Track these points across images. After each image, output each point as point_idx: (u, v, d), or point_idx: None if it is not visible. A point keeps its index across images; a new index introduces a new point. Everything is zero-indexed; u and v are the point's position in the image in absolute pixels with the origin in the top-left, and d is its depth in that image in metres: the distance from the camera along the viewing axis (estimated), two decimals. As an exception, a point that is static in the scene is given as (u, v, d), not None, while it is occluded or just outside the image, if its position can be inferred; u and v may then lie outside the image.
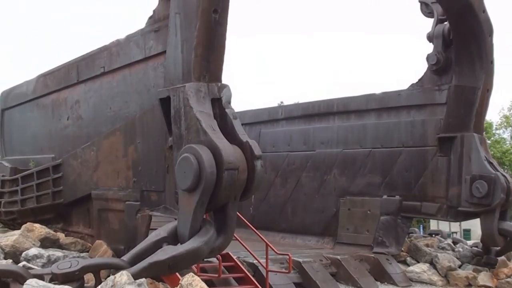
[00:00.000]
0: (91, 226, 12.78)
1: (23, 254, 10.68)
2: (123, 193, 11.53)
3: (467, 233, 43.32)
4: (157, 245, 8.84)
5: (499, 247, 14.61)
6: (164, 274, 9.04)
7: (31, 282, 7.86)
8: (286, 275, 11.73)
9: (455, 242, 17.62)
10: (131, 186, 11.35)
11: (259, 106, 20.62)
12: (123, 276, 7.80)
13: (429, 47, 15.45)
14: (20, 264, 9.85)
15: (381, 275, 13.71)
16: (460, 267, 14.78)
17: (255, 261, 11.52)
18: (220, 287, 10.41)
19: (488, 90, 14.72)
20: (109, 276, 8.10)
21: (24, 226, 12.03)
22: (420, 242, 15.84)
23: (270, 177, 18.22)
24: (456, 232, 37.75)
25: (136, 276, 8.01)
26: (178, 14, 9.64)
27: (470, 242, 19.70)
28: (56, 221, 13.84)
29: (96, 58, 12.59)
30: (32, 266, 9.87)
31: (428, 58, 15.27)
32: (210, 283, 9.93)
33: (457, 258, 15.13)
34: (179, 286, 8.06)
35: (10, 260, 10.41)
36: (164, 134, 10.06)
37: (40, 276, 8.37)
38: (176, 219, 9.11)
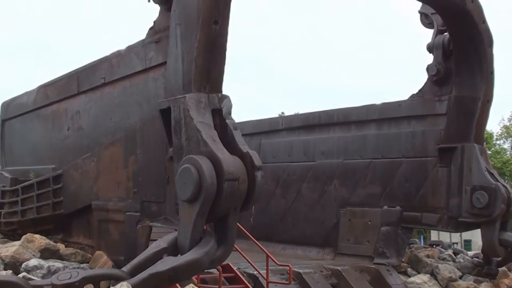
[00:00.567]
0: (91, 237, 12.76)
1: (23, 265, 10.65)
2: (123, 204, 11.52)
3: (468, 244, 43.28)
4: (157, 256, 8.81)
5: (500, 258, 14.59)
6: (164, 285, 9.00)
7: (31, 293, 7.85)
8: (287, 286, 11.69)
9: (456, 253, 17.61)
10: (131, 197, 11.35)
11: (260, 117, 20.65)
12: (123, 287, 7.79)
13: (429, 58, 15.47)
14: (20, 275, 9.83)
15: (382, 286, 13.65)
16: (461, 278, 14.74)
17: (256, 272, 11.51)
18: (221, 298, 10.38)
19: (488, 101, 14.71)
20: (109, 287, 8.09)
21: (24, 237, 12.01)
22: (421, 253, 15.81)
23: (271, 188, 18.19)
24: (457, 243, 37.72)
25: (136, 287, 8.00)
26: (179, 25, 9.67)
27: (471, 253, 19.67)
28: (56, 232, 13.82)
29: (97, 69, 12.61)
30: (32, 277, 9.85)
31: (428, 69, 15.29)
32: (211, 294, 9.91)
33: (458, 269, 15.10)
34: (179, 297, 8.05)
35: (10, 271, 10.39)
36: (165, 145, 10.06)
37: (40, 287, 8.35)
38: (177, 230, 9.09)
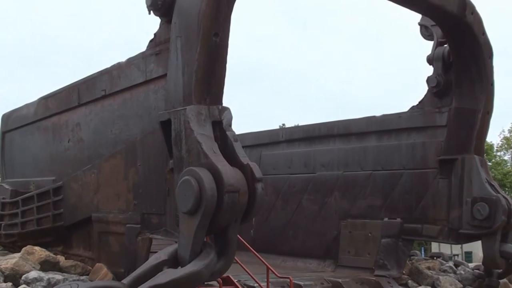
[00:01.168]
0: (92, 249, 12.74)
1: (23, 277, 10.65)
2: (124, 216, 11.51)
3: (469, 256, 43.24)
4: (158, 268, 8.78)
5: (501, 270, 14.56)
6: (165, 298, 8.98)
7: (31, 306, 7.84)
8: (287, 299, 11.66)
9: (457, 265, 17.57)
10: (132, 209, 11.34)
11: (261, 128, 20.66)
12: (123, 300, 7.77)
13: (429, 70, 15.50)
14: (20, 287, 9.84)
15: (383, 298, 13.64)
16: (462, 290, 14.74)
17: (256, 285, 11.46)
18: (221, 311, 10.34)
19: (489, 112, 14.72)
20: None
21: (24, 249, 12.00)
22: (422, 265, 15.79)
23: (271, 200, 18.17)
24: (458, 255, 37.70)
25: (136, 300, 7.98)
26: (179, 38, 9.68)
27: (472, 265, 19.65)
28: (56, 244, 13.80)
29: (97, 81, 12.63)
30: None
31: (428, 81, 15.29)
32: (211, 307, 9.88)
33: (459, 281, 15.07)
34: (180, 310, 8.01)
35: (10, 283, 10.38)
36: (165, 157, 10.06)
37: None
38: (177, 242, 9.07)
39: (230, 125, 9.61)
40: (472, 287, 14.88)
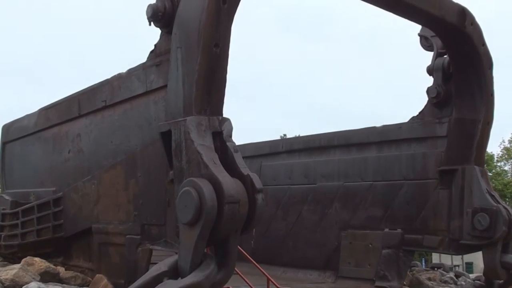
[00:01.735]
0: (92, 260, 12.72)
1: (23, 288, 10.64)
2: (124, 227, 11.49)
3: (470, 266, 43.13)
4: (158, 279, 8.77)
5: (502, 280, 14.50)
6: (165, 309, 8.96)
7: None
8: (288, 310, 11.65)
9: (458, 276, 17.58)
10: (132, 220, 11.32)
11: (261, 139, 20.66)
12: (123, 311, 7.76)
13: (429, 80, 15.51)
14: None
15: (384, 309, 13.61)
16: (463, 301, 14.71)
17: (256, 296, 11.46)
18: (221, 322, 10.31)
19: (489, 123, 14.71)
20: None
21: (24, 260, 11.99)
22: (422, 276, 15.78)
23: (271, 211, 18.14)
24: (458, 265, 37.61)
25: (137, 311, 7.96)
26: (180, 48, 9.69)
27: (473, 276, 19.64)
28: (56, 255, 13.78)
29: (98, 92, 12.64)
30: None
31: (428, 91, 15.30)
32: (211, 318, 9.82)
33: (460, 292, 15.06)
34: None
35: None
36: (165, 168, 10.04)
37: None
38: (177, 253, 9.06)
39: (231, 136, 9.60)
40: (473, 298, 14.86)
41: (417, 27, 15.79)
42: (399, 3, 12.42)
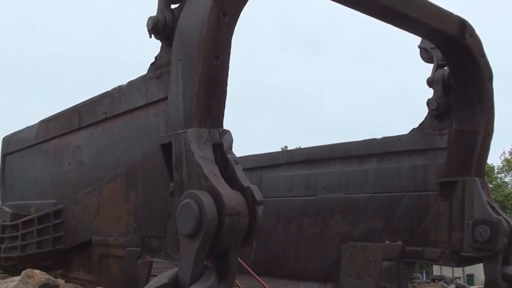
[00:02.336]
0: (92, 272, 12.69)
1: (23, 301, 10.60)
2: (124, 239, 11.47)
3: (470, 278, 43.05)
4: (158, 292, 8.76)
5: (503, 293, 14.47)
6: (165, 322, 8.94)
7: (30, 330, 7.79)
8: (288, 322, 11.61)
9: (459, 288, 17.52)
10: (132, 232, 11.30)
11: (262, 151, 20.65)
12: (123, 324, 7.73)
13: (430, 92, 15.53)
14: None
15: (384, 322, 13.55)
16: (464, 313, 14.64)
17: (257, 308, 11.43)
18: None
19: (489, 135, 14.69)
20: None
21: (24, 272, 11.94)
22: (423, 288, 15.73)
23: (272, 223, 18.11)
24: (459, 277, 37.55)
25: (137, 324, 7.94)
26: (180, 61, 9.71)
27: (474, 288, 19.60)
28: (56, 267, 13.75)
29: (98, 104, 12.65)
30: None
31: (429, 103, 15.31)
32: (211, 331, 9.78)
33: (461, 304, 15.00)
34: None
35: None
36: (166, 180, 10.03)
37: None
38: (177, 266, 9.04)
39: (231, 148, 9.59)
40: (474, 310, 14.80)
41: (418, 39, 15.82)
42: (399, 15, 12.45)
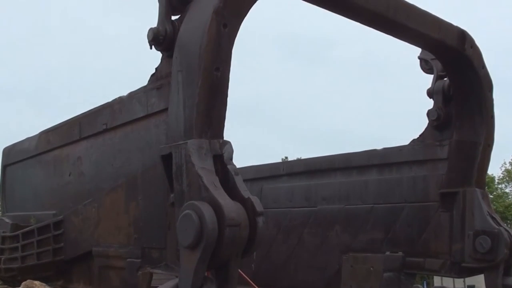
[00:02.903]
0: (92, 284, 12.66)
1: (23, 312, 10.59)
2: (124, 250, 11.44)
3: (472, 289, 42.95)
4: (158, 303, 8.74)
5: (504, 304, 14.43)
6: (165, 333, 8.92)
7: None
8: (289, 334, 11.57)
9: (460, 299, 17.47)
10: (132, 243, 11.28)
11: (263, 162, 20.67)
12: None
13: (430, 103, 15.54)
14: (19, 323, 9.77)
15: (385, 333, 13.51)
16: (465, 325, 14.59)
17: (257, 319, 11.40)
18: None
19: (489, 145, 14.68)
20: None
21: (24, 283, 11.93)
22: (424, 299, 15.67)
23: (272, 234, 18.08)
24: (460, 288, 37.41)
25: (137, 335, 7.92)
26: (180, 72, 9.72)
27: (475, 299, 19.52)
28: (57, 278, 13.72)
29: (99, 115, 12.65)
30: (31, 325, 9.78)
31: (429, 114, 15.30)
32: None
33: (462, 315, 14.95)
34: None
35: (10, 318, 10.32)
36: (166, 191, 10.02)
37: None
38: (177, 277, 9.03)
39: (231, 159, 9.59)
40: (475, 322, 14.74)
41: (417, 50, 15.85)
42: (398, 26, 12.47)
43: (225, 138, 9.75)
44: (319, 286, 16.73)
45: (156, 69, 10.88)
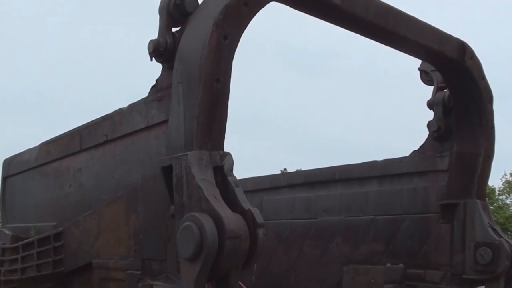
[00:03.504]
0: (92, 296, 12.64)
1: (22, 325, 10.55)
2: (124, 262, 11.41)
3: (473, 301, 42.74)
4: (158, 316, 8.72)
5: (505, 316, 14.39)
6: None
7: None
8: None
9: (461, 311, 17.37)
10: (132, 255, 11.26)
11: (262, 174, 20.62)
12: None
13: (430, 114, 15.54)
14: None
15: None
16: (466, 337, 14.52)
17: (258, 332, 11.36)
18: None
19: (490, 156, 14.67)
20: None
21: (24, 296, 11.93)
22: (425, 311, 15.60)
23: (273, 245, 18.05)
24: (461, 300, 37.21)
25: None
26: (181, 84, 9.73)
27: (476, 311, 19.40)
28: (56, 290, 13.70)
29: (99, 127, 12.65)
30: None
31: (429, 125, 15.30)
32: None
33: (463, 327, 14.88)
34: None
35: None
36: (166, 203, 10.01)
37: None
38: (178, 289, 9.02)
39: (232, 170, 9.59)
40: (476, 334, 14.67)
41: (417, 61, 15.88)
42: (398, 38, 12.49)
43: (225, 150, 9.80)
44: (320, 298, 16.70)
45: (157, 81, 10.89)
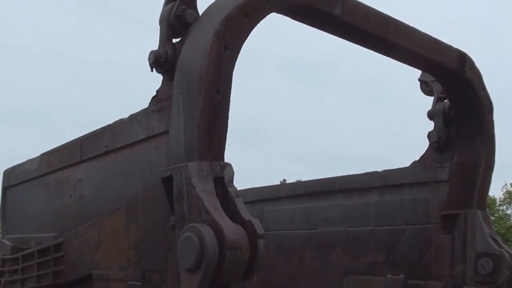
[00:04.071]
0: (92, 307, 12.60)
1: (22, 336, 10.52)
2: (125, 273, 11.38)
3: (474, 312, 42.60)
4: (158, 327, 8.70)
5: (506, 327, 14.34)
6: None
7: None
8: None
9: (462, 322, 17.31)
10: (133, 266, 11.23)
11: (262, 184, 20.61)
12: None
13: (430, 125, 15.55)
14: None
15: None
16: None
17: None
18: None
19: (490, 167, 14.67)
20: None
21: (24, 307, 11.89)
22: (426, 322, 15.54)
23: (273, 256, 18.01)
24: (462, 311, 37.10)
25: None
26: (181, 94, 9.75)
27: (477, 322, 19.33)
28: (56, 301, 13.66)
29: (100, 137, 12.64)
30: None
31: (429, 136, 15.31)
32: None
33: (464, 338, 14.82)
34: None
35: None
36: (166, 213, 10.00)
37: None
38: (178, 300, 8.99)
39: (232, 181, 9.59)
40: None
41: (418, 72, 15.90)
42: (399, 49, 12.53)
43: (226, 161, 9.80)
44: (320, 309, 16.65)
45: (157, 92, 10.90)
